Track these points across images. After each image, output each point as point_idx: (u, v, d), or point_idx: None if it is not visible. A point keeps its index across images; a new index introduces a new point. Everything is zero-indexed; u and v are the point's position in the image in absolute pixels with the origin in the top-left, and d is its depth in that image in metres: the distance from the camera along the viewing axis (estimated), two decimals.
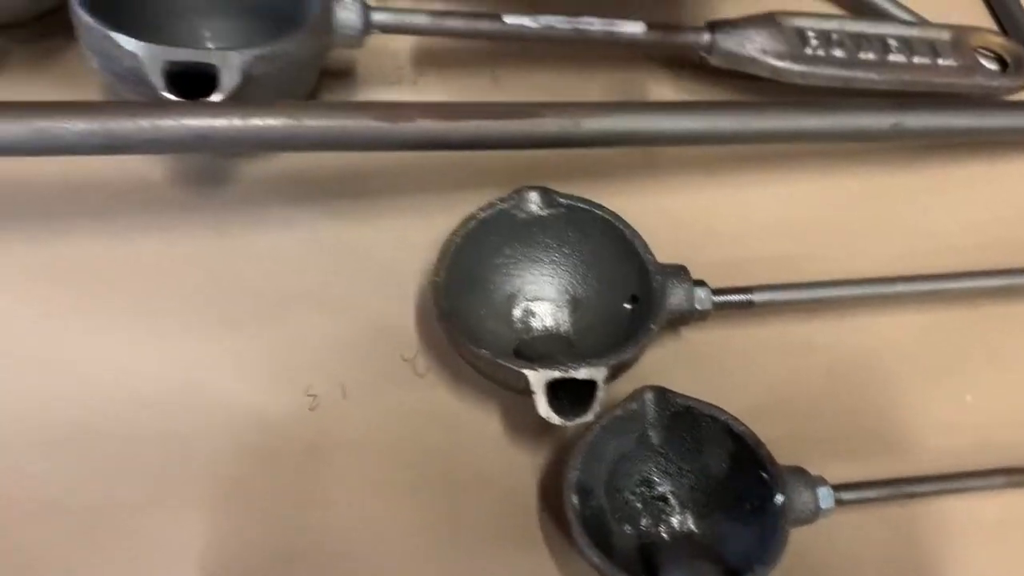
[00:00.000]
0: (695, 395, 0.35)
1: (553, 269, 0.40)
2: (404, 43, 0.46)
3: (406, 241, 0.41)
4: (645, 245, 0.38)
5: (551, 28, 0.42)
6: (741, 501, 0.35)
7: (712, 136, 0.41)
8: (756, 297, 0.39)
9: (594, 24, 0.43)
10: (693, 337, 0.41)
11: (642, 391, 0.35)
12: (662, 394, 0.35)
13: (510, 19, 0.42)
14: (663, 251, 0.38)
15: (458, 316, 0.36)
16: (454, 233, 0.37)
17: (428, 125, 0.36)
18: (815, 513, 0.34)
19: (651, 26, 0.43)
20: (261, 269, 0.40)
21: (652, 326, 0.35)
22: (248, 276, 0.40)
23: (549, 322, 0.39)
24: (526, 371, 0.34)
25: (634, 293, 0.38)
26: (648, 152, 0.45)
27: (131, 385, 0.37)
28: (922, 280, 0.42)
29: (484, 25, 0.42)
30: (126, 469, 0.35)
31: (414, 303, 0.40)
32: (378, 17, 0.41)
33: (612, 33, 0.43)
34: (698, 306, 0.38)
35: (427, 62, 0.47)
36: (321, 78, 0.43)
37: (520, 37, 0.43)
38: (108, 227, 0.40)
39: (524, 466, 0.37)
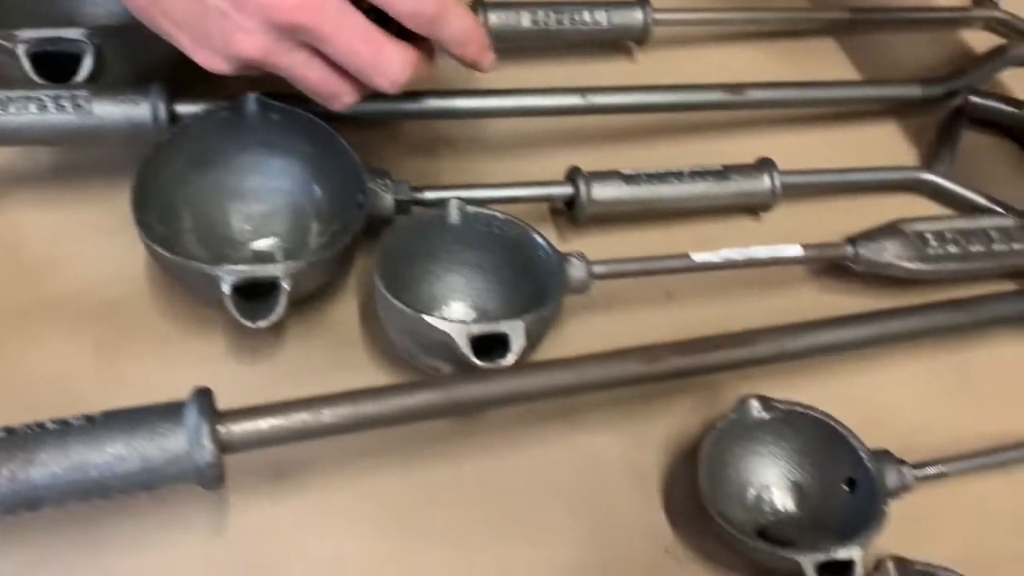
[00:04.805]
0: None
1: (774, 460, 0.49)
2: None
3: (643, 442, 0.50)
4: (854, 435, 0.47)
5: (729, 260, 0.53)
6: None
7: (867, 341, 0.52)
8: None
9: (761, 252, 0.54)
10: None
11: None
12: None
13: (698, 257, 0.53)
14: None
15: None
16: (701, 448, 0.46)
17: (678, 361, 0.46)
18: None
19: (805, 247, 0.54)
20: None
21: (884, 508, 0.45)
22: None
23: (779, 506, 0.48)
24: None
25: (850, 476, 0.47)
26: None
27: None
28: None
29: (675, 264, 0.53)
30: None
31: (660, 497, 0.49)
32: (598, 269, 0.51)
33: (777, 257, 0.54)
34: (905, 482, 0.47)
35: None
36: None
37: (703, 269, 0.53)
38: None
39: None
